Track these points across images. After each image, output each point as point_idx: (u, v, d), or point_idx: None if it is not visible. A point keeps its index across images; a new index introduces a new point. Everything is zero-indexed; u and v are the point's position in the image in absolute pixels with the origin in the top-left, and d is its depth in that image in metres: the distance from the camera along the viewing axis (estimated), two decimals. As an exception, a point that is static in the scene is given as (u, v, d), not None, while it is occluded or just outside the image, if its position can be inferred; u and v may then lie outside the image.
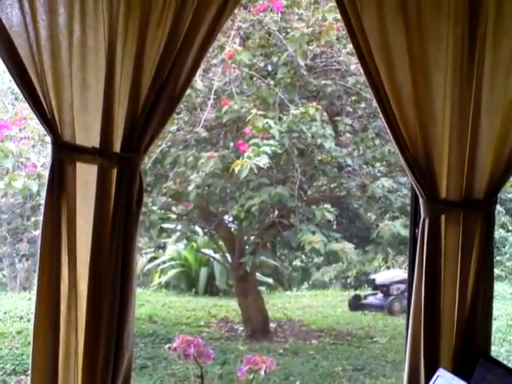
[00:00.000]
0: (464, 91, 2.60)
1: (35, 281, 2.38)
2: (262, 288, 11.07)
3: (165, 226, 7.65)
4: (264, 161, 5.48)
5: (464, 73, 2.59)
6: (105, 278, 2.34)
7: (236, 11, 5.61)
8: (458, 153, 2.62)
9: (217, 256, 9.73)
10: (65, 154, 2.34)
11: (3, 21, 2.26)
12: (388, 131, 2.64)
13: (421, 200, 2.65)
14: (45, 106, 2.31)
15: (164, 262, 11.34)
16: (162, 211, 7.08)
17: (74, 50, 2.32)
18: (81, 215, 2.36)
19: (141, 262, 11.17)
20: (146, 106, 2.36)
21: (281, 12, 5.91)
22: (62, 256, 2.34)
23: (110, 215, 2.35)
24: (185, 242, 9.93)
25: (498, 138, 2.63)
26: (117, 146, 2.37)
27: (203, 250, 10.53)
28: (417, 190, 2.65)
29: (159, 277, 11.29)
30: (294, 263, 11.09)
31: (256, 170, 5.57)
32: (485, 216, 2.66)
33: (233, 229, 7.96)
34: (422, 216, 2.65)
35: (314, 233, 6.24)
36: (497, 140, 2.63)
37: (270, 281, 11.20)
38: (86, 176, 2.36)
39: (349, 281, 11.31)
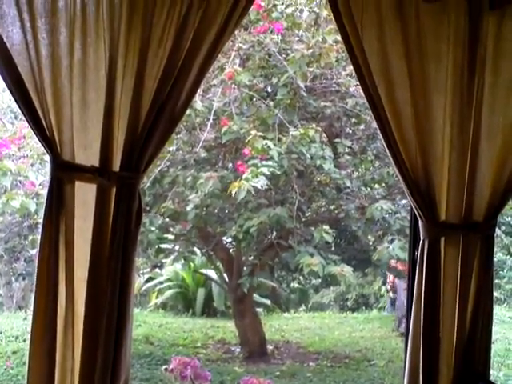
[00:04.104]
0: (464, 113, 2.60)
1: (32, 300, 2.36)
2: (260, 309, 11.04)
3: (163, 246, 7.65)
4: (262, 182, 5.48)
5: (464, 94, 2.60)
6: (102, 298, 2.32)
7: (237, 32, 5.64)
8: (458, 175, 2.62)
9: (215, 277, 9.70)
10: (64, 172, 2.33)
11: (4, 39, 2.26)
12: (388, 153, 2.64)
13: (420, 222, 2.64)
14: (44, 124, 2.30)
15: (161, 283, 11.30)
16: (160, 231, 7.06)
17: (74, 69, 2.32)
18: (79, 234, 2.34)
19: (138, 282, 11.14)
20: (145, 125, 2.36)
21: (281, 33, 5.94)
22: (59, 275, 2.32)
23: (108, 234, 2.34)
24: (182, 262, 9.92)
25: (498, 160, 2.63)
26: (116, 165, 2.36)
27: (201, 271, 10.51)
28: (416, 213, 2.65)
29: (156, 297, 11.25)
30: (291, 285, 11.06)
31: (253, 192, 5.56)
32: (484, 239, 2.65)
33: (231, 250, 7.95)
34: (422, 238, 2.64)
35: (312, 255, 6.23)
36: (496, 163, 2.63)
37: (268, 302, 11.17)
38: (84, 195, 2.34)
39: (347, 303, 11.28)
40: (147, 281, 11.28)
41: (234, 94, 6.01)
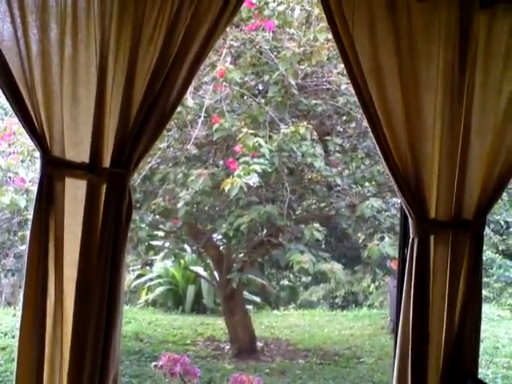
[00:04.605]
0: (454, 112, 2.61)
1: (21, 296, 2.35)
2: (250, 307, 11.04)
3: (153, 243, 7.64)
4: (254, 179, 5.48)
5: (454, 93, 2.61)
6: (92, 294, 2.32)
7: (228, 29, 5.64)
8: (448, 173, 2.63)
9: (205, 274, 9.70)
10: (54, 169, 2.32)
11: (-5, 34, 2.25)
12: (378, 151, 2.65)
13: (410, 220, 2.65)
14: (34, 120, 2.29)
15: (151, 280, 11.29)
16: (151, 228, 7.06)
17: (65, 65, 2.31)
18: (69, 231, 2.33)
19: (128, 278, 11.11)
20: (136, 122, 2.35)
21: (272, 31, 5.93)
22: (48, 271, 2.32)
23: (98, 231, 2.33)
24: (173, 259, 9.90)
25: (488, 158, 2.64)
26: (106, 162, 2.35)
27: (191, 268, 10.50)
28: (406, 210, 2.65)
29: (146, 294, 11.24)
30: (281, 282, 11.06)
31: (246, 189, 5.56)
32: (474, 237, 2.66)
33: (221, 247, 7.95)
34: (411, 236, 2.65)
35: (302, 252, 6.23)
36: (486, 161, 2.64)
37: (258, 299, 11.17)
38: (74, 191, 2.34)
39: (336, 301, 11.30)
40: (137, 278, 11.26)
41: (226, 92, 5.99)
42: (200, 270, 9.92)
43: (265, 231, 7.05)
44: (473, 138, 2.63)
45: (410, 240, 2.65)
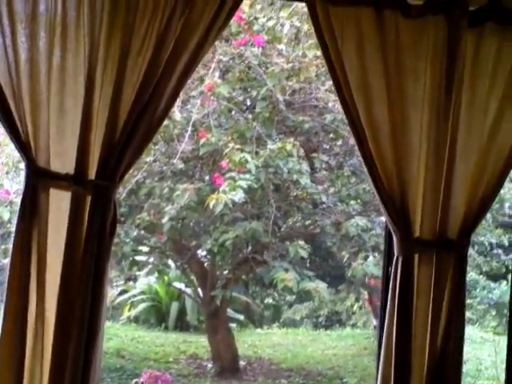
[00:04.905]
0: (440, 130, 2.61)
1: (1, 310, 2.32)
2: (233, 325, 10.97)
3: (137, 258, 7.59)
4: (239, 195, 5.46)
5: (441, 112, 2.61)
6: (73, 309, 2.30)
7: (217, 44, 5.65)
8: (433, 192, 2.62)
9: (188, 291, 9.64)
10: (38, 179, 2.31)
11: (-18, 43, 2.24)
12: (364, 167, 2.64)
13: (394, 238, 2.64)
14: (21, 130, 2.29)
15: (134, 296, 11.20)
16: (135, 243, 7.01)
17: (52, 74, 2.30)
18: (52, 243, 2.32)
19: (111, 294, 11.03)
20: (123, 134, 2.34)
21: (261, 47, 5.94)
22: (30, 284, 2.29)
23: (81, 244, 2.32)
24: (156, 275, 9.84)
25: (472, 178, 2.64)
26: (92, 174, 2.34)
27: (174, 284, 10.43)
28: (391, 228, 2.65)
29: (129, 310, 11.15)
30: (265, 301, 11.00)
31: (231, 205, 5.54)
32: (458, 257, 2.65)
33: (206, 263, 7.90)
34: (396, 254, 2.64)
35: (286, 270, 6.20)
36: (471, 181, 2.64)
37: (241, 317, 11.11)
38: (59, 203, 2.32)
39: (320, 320, 11.25)
40: (120, 294, 11.17)
41: (213, 106, 5.98)
42: (184, 286, 9.86)
43: (249, 248, 7.01)
44: (458, 157, 2.63)
45: (395, 258, 2.64)
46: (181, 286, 9.94)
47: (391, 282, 2.63)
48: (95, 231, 2.31)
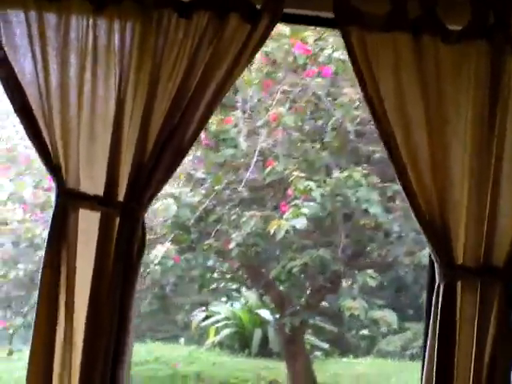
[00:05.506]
0: (483, 160, 2.51)
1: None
2: (318, 353, 10.86)
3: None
4: (302, 222, 5.42)
5: (484, 140, 2.51)
6: (101, 330, 2.31)
7: (283, 74, 5.68)
8: (477, 219, 2.51)
9: (271, 318, 9.62)
10: (68, 200, 2.35)
11: (16, 70, 2.31)
12: (404, 196, 2.57)
13: (436, 265, 2.55)
14: (51, 153, 2.33)
15: (218, 321, 11.28)
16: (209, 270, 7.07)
17: (83, 100, 2.35)
18: (80, 265, 2.34)
19: (196, 319, 11.18)
20: (151, 157, 2.36)
21: (330, 77, 5.93)
22: (59, 305, 2.33)
23: (110, 266, 2.33)
24: (241, 302, 9.91)
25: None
26: (121, 196, 2.36)
27: (256, 311, 10.45)
28: (432, 255, 2.56)
29: (215, 335, 11.21)
30: (360, 332, 10.79)
31: (292, 232, 5.51)
32: (504, 285, 2.53)
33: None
34: (437, 282, 2.54)
35: (354, 298, 6.09)
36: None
37: (326, 346, 10.98)
38: (88, 225, 2.35)
39: (416, 351, 10.96)
40: (205, 319, 11.29)
41: (282, 136, 5.98)
42: (267, 313, 9.86)
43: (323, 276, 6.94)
44: (502, 186, 2.52)
45: (436, 286, 2.54)
46: (263, 312, 9.96)
47: (432, 310, 2.53)
48: (123, 253, 2.33)
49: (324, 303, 7.61)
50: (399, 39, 2.49)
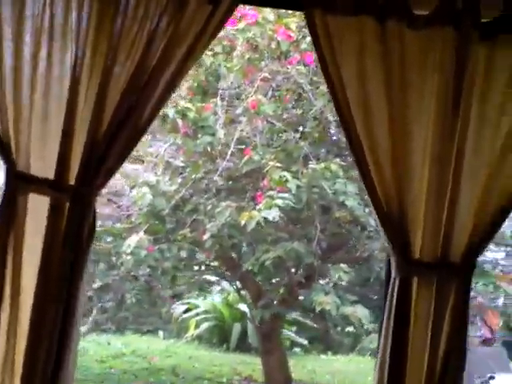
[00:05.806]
0: (445, 150, 2.46)
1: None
2: (297, 349, 10.84)
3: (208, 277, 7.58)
4: (274, 214, 5.37)
5: (447, 129, 2.46)
6: (47, 315, 2.27)
7: (265, 62, 5.63)
8: (436, 213, 2.47)
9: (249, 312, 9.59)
10: (18, 183, 2.30)
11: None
12: (363, 185, 2.53)
13: (392, 259, 2.51)
14: (1, 133, 2.28)
15: (198, 314, 11.25)
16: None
17: (37, 78, 2.29)
18: (28, 248, 2.29)
19: (177, 311, 11.13)
20: (105, 139, 2.31)
21: (311, 67, 5.87)
22: (4, 290, 2.28)
23: (58, 251, 2.28)
24: (221, 295, 9.86)
25: (479, 200, 2.47)
26: (72, 179, 2.31)
27: (238, 306, 10.43)
28: (389, 249, 2.51)
29: (195, 328, 11.17)
30: (346, 329, 10.76)
31: (263, 224, 5.46)
32: (461, 281, 2.49)
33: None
34: (393, 276, 2.49)
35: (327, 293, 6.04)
36: (477, 203, 2.47)
37: (305, 342, 10.97)
38: (37, 208, 2.30)
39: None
40: (185, 311, 11.26)
41: (258, 125, 5.92)
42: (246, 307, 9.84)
43: (300, 270, 6.90)
44: (464, 177, 2.47)
45: (392, 279, 2.50)
46: (245, 307, 9.92)
47: (387, 304, 2.49)
48: (72, 239, 2.28)
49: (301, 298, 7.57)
50: (364, 23, 2.42)
